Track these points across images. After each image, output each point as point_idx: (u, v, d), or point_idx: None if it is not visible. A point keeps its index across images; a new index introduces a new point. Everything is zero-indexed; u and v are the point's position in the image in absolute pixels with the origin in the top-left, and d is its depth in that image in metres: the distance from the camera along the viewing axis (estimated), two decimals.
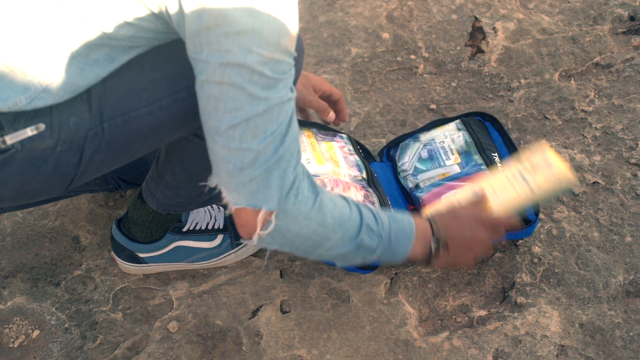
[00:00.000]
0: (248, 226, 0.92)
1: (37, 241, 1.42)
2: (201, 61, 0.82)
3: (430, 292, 1.27)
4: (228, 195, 0.90)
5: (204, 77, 0.82)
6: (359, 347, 1.20)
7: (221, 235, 1.32)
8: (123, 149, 0.95)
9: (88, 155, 0.92)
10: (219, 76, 0.81)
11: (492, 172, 1.27)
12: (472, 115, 1.50)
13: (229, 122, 0.83)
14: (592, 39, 1.72)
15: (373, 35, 1.81)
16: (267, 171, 0.88)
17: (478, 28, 1.80)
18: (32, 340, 1.26)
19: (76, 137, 0.89)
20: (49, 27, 0.85)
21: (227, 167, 0.87)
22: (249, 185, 0.88)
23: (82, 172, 0.95)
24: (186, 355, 1.22)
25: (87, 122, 0.89)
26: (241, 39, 0.79)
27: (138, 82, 0.91)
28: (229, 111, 0.83)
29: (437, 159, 1.41)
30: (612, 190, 1.39)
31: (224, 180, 0.90)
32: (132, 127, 0.93)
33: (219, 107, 0.83)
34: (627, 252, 1.29)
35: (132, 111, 0.92)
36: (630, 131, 1.49)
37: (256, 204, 0.89)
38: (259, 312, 1.27)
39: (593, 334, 1.17)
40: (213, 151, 0.88)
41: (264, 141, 0.85)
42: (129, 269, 1.33)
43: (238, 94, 0.82)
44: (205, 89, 0.83)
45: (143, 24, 0.87)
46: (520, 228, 1.27)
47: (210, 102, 0.84)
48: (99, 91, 0.89)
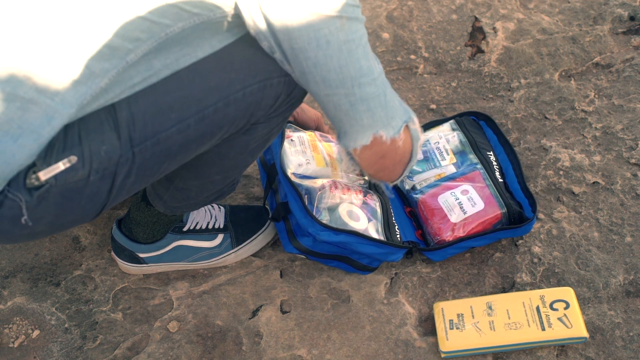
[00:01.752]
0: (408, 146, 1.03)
1: (37, 241, 1.42)
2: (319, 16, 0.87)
3: (430, 292, 1.27)
4: (390, 129, 0.98)
5: (326, 31, 0.88)
6: (359, 347, 1.20)
7: (221, 235, 1.32)
8: (153, 169, 0.95)
9: (120, 180, 0.92)
10: (338, 22, 0.88)
11: (511, 293, 1.24)
12: (466, 115, 1.50)
13: (364, 55, 0.92)
14: (592, 39, 1.72)
15: (373, 35, 1.81)
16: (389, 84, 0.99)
17: (478, 28, 1.80)
18: (32, 340, 1.26)
19: (108, 165, 0.89)
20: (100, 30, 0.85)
21: (380, 100, 0.95)
22: (394, 101, 0.98)
23: (114, 197, 0.94)
24: (186, 355, 1.22)
25: (117, 149, 0.88)
26: None
27: (164, 103, 0.91)
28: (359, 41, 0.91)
29: (432, 160, 1.41)
30: (612, 190, 1.39)
31: (381, 119, 0.97)
32: (161, 148, 0.92)
33: (350, 47, 0.90)
34: (627, 252, 1.29)
35: (161, 132, 0.91)
36: (630, 131, 1.49)
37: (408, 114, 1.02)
38: (259, 312, 1.27)
39: (593, 334, 1.17)
40: (363, 99, 0.94)
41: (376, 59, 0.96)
42: (129, 269, 1.33)
43: (356, 24, 0.90)
44: (332, 41, 0.89)
45: (204, 12, 0.90)
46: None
47: (343, 49, 0.89)
48: (126, 116, 0.88)
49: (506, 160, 1.40)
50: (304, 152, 1.35)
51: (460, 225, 1.27)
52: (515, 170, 1.37)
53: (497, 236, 1.29)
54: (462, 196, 1.30)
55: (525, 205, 1.31)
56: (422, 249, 1.29)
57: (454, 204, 1.29)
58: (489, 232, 1.27)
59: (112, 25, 0.85)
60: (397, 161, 1.05)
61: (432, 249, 1.28)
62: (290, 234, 1.27)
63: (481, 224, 1.28)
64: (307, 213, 1.21)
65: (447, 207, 1.30)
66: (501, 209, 1.28)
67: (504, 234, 1.29)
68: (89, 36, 0.85)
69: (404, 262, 1.31)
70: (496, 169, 1.36)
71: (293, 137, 1.37)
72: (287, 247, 1.28)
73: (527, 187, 1.33)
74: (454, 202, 1.30)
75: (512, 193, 1.34)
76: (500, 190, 1.31)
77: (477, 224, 1.28)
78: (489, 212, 1.28)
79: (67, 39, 0.84)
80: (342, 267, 1.30)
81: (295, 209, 1.24)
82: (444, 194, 1.32)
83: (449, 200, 1.30)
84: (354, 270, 1.30)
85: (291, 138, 1.36)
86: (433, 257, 1.30)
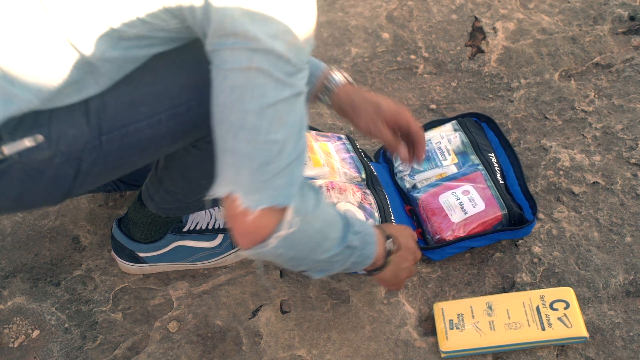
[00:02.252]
0: (264, 228, 0.87)
1: (37, 241, 1.42)
2: (226, 50, 0.81)
3: (430, 292, 1.27)
4: (248, 199, 0.85)
5: (228, 66, 0.81)
6: (359, 347, 1.20)
7: (221, 235, 1.32)
8: (121, 161, 0.95)
9: (85, 167, 0.91)
10: (246, 62, 0.80)
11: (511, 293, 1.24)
12: (467, 116, 1.50)
13: (255, 112, 0.82)
14: (592, 39, 1.72)
15: (373, 35, 1.81)
16: (291, 165, 0.86)
17: (478, 28, 1.80)
18: (32, 340, 1.26)
19: (74, 149, 0.89)
20: (60, 27, 0.84)
21: (252, 165, 0.84)
22: (275, 181, 0.85)
23: (80, 183, 0.94)
24: (186, 355, 1.22)
25: (85, 134, 0.88)
26: (267, 25, 0.80)
27: (137, 96, 0.91)
28: (256, 98, 0.81)
29: (434, 160, 1.41)
30: (612, 190, 1.39)
31: (244, 183, 0.85)
32: (130, 140, 0.92)
33: (244, 95, 0.81)
34: (627, 252, 1.29)
35: (130, 124, 0.91)
36: (630, 131, 1.49)
37: (282, 201, 0.86)
38: (259, 312, 1.27)
39: (593, 334, 1.17)
40: (233, 151, 0.84)
41: (288, 131, 0.84)
42: (128, 269, 1.33)
43: (265, 79, 0.81)
44: (229, 78, 0.82)
45: (156, 22, 0.86)
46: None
47: (235, 91, 0.82)
48: (97, 104, 0.89)
49: (507, 162, 1.40)
50: None
51: (460, 225, 1.27)
52: (516, 172, 1.38)
53: (497, 237, 1.29)
54: (463, 196, 1.30)
55: (526, 207, 1.32)
56: (422, 248, 1.29)
57: (455, 203, 1.30)
58: (489, 233, 1.27)
59: (75, 27, 0.85)
60: (245, 233, 0.89)
61: (431, 248, 1.28)
62: None
63: (481, 224, 1.28)
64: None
65: (447, 207, 1.30)
66: (502, 210, 1.28)
67: (504, 235, 1.29)
68: (51, 34, 0.84)
69: None
70: (497, 171, 1.36)
71: None
72: None
73: (527, 189, 1.34)
74: (455, 202, 1.30)
75: (513, 195, 1.34)
76: (501, 192, 1.31)
77: (477, 224, 1.28)
78: (489, 212, 1.28)
79: (28, 32, 0.84)
80: None
81: None
82: (445, 193, 1.32)
83: (450, 200, 1.30)
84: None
85: None
86: (432, 256, 1.30)
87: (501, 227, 1.29)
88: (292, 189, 0.87)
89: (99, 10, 0.84)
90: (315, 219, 0.93)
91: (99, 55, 0.86)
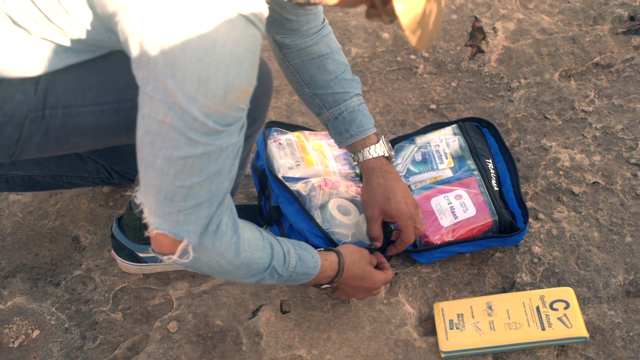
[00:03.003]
0: (162, 247, 0.91)
1: (37, 241, 1.42)
2: (146, 94, 0.80)
3: (430, 292, 1.27)
4: (150, 217, 0.89)
5: (146, 110, 0.80)
6: (359, 347, 1.20)
7: None
8: (63, 139, 0.98)
9: (27, 135, 0.95)
10: (161, 115, 0.79)
11: (511, 293, 1.23)
12: (469, 120, 1.50)
13: (164, 160, 0.82)
14: (592, 39, 1.72)
15: (373, 35, 1.81)
16: (197, 207, 0.87)
17: (478, 28, 1.80)
18: (32, 340, 1.26)
19: (17, 114, 0.93)
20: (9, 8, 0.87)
21: (158, 197, 0.86)
22: (176, 216, 0.87)
23: (22, 149, 0.98)
24: (186, 355, 1.22)
25: (30, 102, 0.93)
26: (187, 85, 0.77)
27: (85, 81, 0.94)
28: (166, 148, 0.81)
29: (430, 162, 1.41)
30: (612, 190, 1.39)
31: (150, 205, 0.88)
32: (71, 122, 0.96)
33: (155, 142, 0.81)
34: (627, 252, 1.29)
35: (73, 107, 0.95)
36: (630, 131, 1.49)
37: (178, 234, 0.88)
38: (259, 312, 1.27)
39: (593, 334, 1.17)
40: (144, 177, 0.86)
41: (198, 180, 0.84)
42: (128, 268, 1.33)
43: (177, 135, 0.80)
44: (145, 121, 0.81)
45: (96, 32, 0.89)
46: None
47: (148, 135, 0.82)
48: (48, 78, 0.92)
49: (504, 169, 1.39)
50: (292, 154, 1.35)
51: (449, 229, 1.27)
52: (513, 180, 1.37)
53: (486, 244, 1.29)
54: (455, 201, 1.30)
55: (518, 216, 1.31)
56: (409, 251, 1.29)
57: (446, 207, 1.29)
58: (477, 239, 1.27)
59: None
60: (152, 239, 0.93)
61: (418, 251, 1.28)
62: (284, 237, 1.27)
63: (471, 230, 1.27)
64: (307, 216, 1.22)
65: (438, 210, 1.29)
66: (492, 217, 1.28)
67: (493, 242, 1.29)
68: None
69: (404, 262, 1.31)
70: (493, 177, 1.36)
71: (281, 140, 1.37)
72: None
73: (522, 198, 1.33)
74: (446, 206, 1.29)
75: (507, 202, 1.34)
76: (494, 198, 1.30)
77: (466, 230, 1.27)
78: (480, 218, 1.28)
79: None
80: None
81: (289, 212, 1.24)
82: (438, 197, 1.32)
83: (442, 203, 1.30)
84: None
85: (279, 141, 1.37)
86: (419, 259, 1.29)
87: (491, 234, 1.28)
88: (193, 226, 0.88)
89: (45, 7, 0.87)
90: (223, 257, 0.95)
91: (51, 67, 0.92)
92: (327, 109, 1.24)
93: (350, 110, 1.22)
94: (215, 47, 0.76)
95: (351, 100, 1.23)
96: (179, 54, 0.76)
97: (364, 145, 1.22)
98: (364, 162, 1.23)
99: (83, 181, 1.42)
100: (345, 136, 1.23)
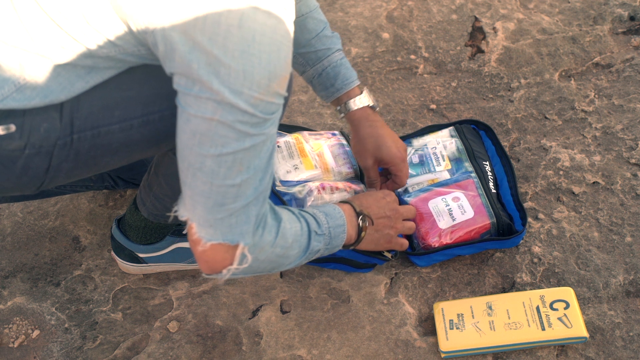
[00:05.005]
0: (217, 262, 0.91)
1: (37, 241, 1.42)
2: (191, 96, 0.81)
3: (430, 292, 1.27)
4: (201, 231, 0.89)
5: (192, 112, 0.81)
6: (359, 347, 1.20)
7: None
8: (92, 161, 0.96)
9: (57, 162, 0.93)
10: (210, 112, 0.80)
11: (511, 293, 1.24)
12: (466, 122, 1.50)
13: (214, 159, 0.83)
14: (592, 39, 1.72)
15: (373, 35, 1.81)
16: (247, 206, 0.88)
17: (478, 28, 1.80)
18: (32, 340, 1.26)
19: (45, 144, 0.90)
20: (29, 30, 0.85)
21: (207, 203, 0.86)
22: (228, 220, 0.88)
23: (52, 177, 0.95)
24: (186, 355, 1.22)
25: (57, 130, 0.90)
26: (232, 80, 0.79)
27: (112, 99, 0.92)
28: (215, 147, 0.82)
29: (427, 165, 1.41)
30: (612, 190, 1.39)
31: (199, 216, 0.88)
32: (101, 142, 0.93)
33: (204, 143, 0.82)
34: (627, 252, 1.29)
35: (102, 126, 0.92)
36: (630, 131, 1.49)
37: (233, 238, 0.89)
38: (259, 312, 1.27)
39: (593, 334, 1.17)
40: (190, 186, 0.87)
41: (248, 175, 0.85)
42: (128, 269, 1.33)
43: (227, 131, 0.81)
44: (191, 123, 0.82)
45: (126, 46, 0.87)
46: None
47: (195, 137, 0.82)
48: (72, 102, 0.90)
49: (502, 172, 1.39)
50: (291, 157, 1.35)
51: (447, 231, 1.27)
52: (510, 182, 1.37)
53: (484, 246, 1.29)
54: (453, 203, 1.30)
55: (516, 218, 1.31)
56: (408, 253, 1.29)
57: (443, 210, 1.29)
58: (476, 242, 1.27)
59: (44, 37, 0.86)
60: (202, 259, 0.93)
61: (417, 254, 1.28)
62: None
63: (469, 232, 1.27)
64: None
65: (436, 213, 1.29)
66: (490, 219, 1.28)
67: (491, 244, 1.29)
68: (22, 31, 0.86)
69: (404, 262, 1.31)
70: (490, 179, 1.36)
71: (280, 142, 1.37)
72: None
73: (519, 200, 1.33)
74: (443, 208, 1.29)
75: (504, 205, 1.34)
76: (491, 201, 1.30)
77: (464, 232, 1.27)
78: (477, 221, 1.28)
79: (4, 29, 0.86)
80: (341, 267, 1.30)
81: None
82: (435, 199, 1.32)
83: (439, 206, 1.30)
84: (354, 269, 1.30)
85: (278, 144, 1.36)
86: (418, 262, 1.29)
87: (489, 236, 1.28)
88: (245, 227, 0.89)
89: (71, 27, 0.85)
90: (276, 246, 0.96)
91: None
92: (311, 67, 1.27)
93: (333, 65, 1.25)
94: (255, 37, 0.78)
95: (333, 55, 1.26)
96: (221, 51, 0.77)
97: (348, 97, 1.26)
98: (350, 114, 1.26)
99: (87, 189, 1.43)
100: (331, 90, 1.26)
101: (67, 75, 0.88)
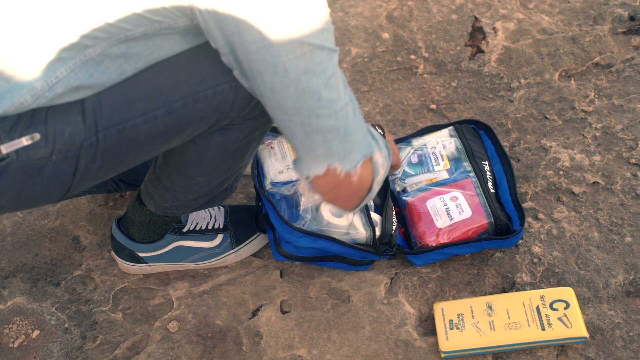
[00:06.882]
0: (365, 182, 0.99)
1: (37, 241, 1.42)
2: (271, 55, 0.84)
3: (430, 292, 1.27)
4: (345, 163, 0.94)
5: (285, 58, 0.84)
6: (359, 347, 1.20)
7: (221, 235, 1.32)
8: (119, 158, 0.96)
9: (84, 164, 0.92)
10: (299, 50, 0.84)
11: (511, 293, 1.24)
12: (466, 122, 1.50)
13: (325, 87, 0.87)
14: (592, 39, 1.72)
15: (373, 35, 1.81)
16: (357, 114, 0.95)
17: (478, 28, 1.80)
18: (32, 340, 1.26)
19: (71, 147, 0.90)
20: (58, 26, 0.85)
21: (339, 133, 0.91)
22: (356, 135, 0.94)
23: (79, 181, 0.95)
24: (186, 355, 1.22)
25: (81, 132, 0.89)
26: (301, 18, 0.84)
27: (133, 93, 0.92)
28: (320, 75, 0.86)
29: (426, 164, 1.41)
30: (612, 190, 1.39)
31: (338, 151, 0.93)
32: (127, 137, 0.93)
33: (311, 78, 0.86)
34: (627, 252, 1.29)
35: (126, 121, 0.92)
36: (630, 131, 1.49)
37: (368, 150, 0.97)
38: (259, 312, 1.27)
39: (593, 334, 1.17)
40: (319, 130, 0.90)
41: (345, 90, 0.91)
42: (128, 269, 1.33)
43: (320, 53, 0.85)
44: (290, 72, 0.85)
45: (165, 20, 0.88)
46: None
47: (301, 79, 0.85)
48: (93, 101, 0.89)
49: (501, 172, 1.39)
50: (283, 158, 1.35)
51: (445, 231, 1.27)
52: (509, 182, 1.37)
53: (482, 246, 1.29)
54: (451, 202, 1.30)
55: (515, 218, 1.31)
56: (406, 252, 1.29)
57: (441, 209, 1.29)
58: (473, 241, 1.27)
59: (72, 24, 0.86)
60: (353, 193, 1.01)
61: (415, 253, 1.28)
62: (276, 242, 1.27)
63: (466, 232, 1.27)
64: (282, 221, 1.22)
65: (434, 212, 1.29)
66: (488, 219, 1.28)
67: (489, 244, 1.29)
68: (49, 30, 0.85)
69: (404, 262, 1.31)
70: (489, 179, 1.36)
71: (273, 143, 1.37)
72: (276, 256, 1.29)
73: (518, 200, 1.32)
74: (441, 208, 1.29)
75: (503, 204, 1.33)
76: (490, 200, 1.30)
77: (462, 231, 1.27)
78: (475, 220, 1.28)
79: (27, 31, 0.85)
80: (338, 266, 1.30)
81: (273, 219, 1.24)
82: (433, 198, 1.32)
83: (437, 205, 1.30)
84: (351, 267, 1.30)
85: (271, 145, 1.37)
86: (416, 262, 1.29)
87: (487, 236, 1.28)
88: (368, 135, 0.98)
89: (101, 9, 0.85)
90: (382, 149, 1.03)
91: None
92: None
93: None
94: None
95: None
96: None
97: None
98: None
99: (89, 193, 1.43)
100: None
101: (96, 69, 0.89)
